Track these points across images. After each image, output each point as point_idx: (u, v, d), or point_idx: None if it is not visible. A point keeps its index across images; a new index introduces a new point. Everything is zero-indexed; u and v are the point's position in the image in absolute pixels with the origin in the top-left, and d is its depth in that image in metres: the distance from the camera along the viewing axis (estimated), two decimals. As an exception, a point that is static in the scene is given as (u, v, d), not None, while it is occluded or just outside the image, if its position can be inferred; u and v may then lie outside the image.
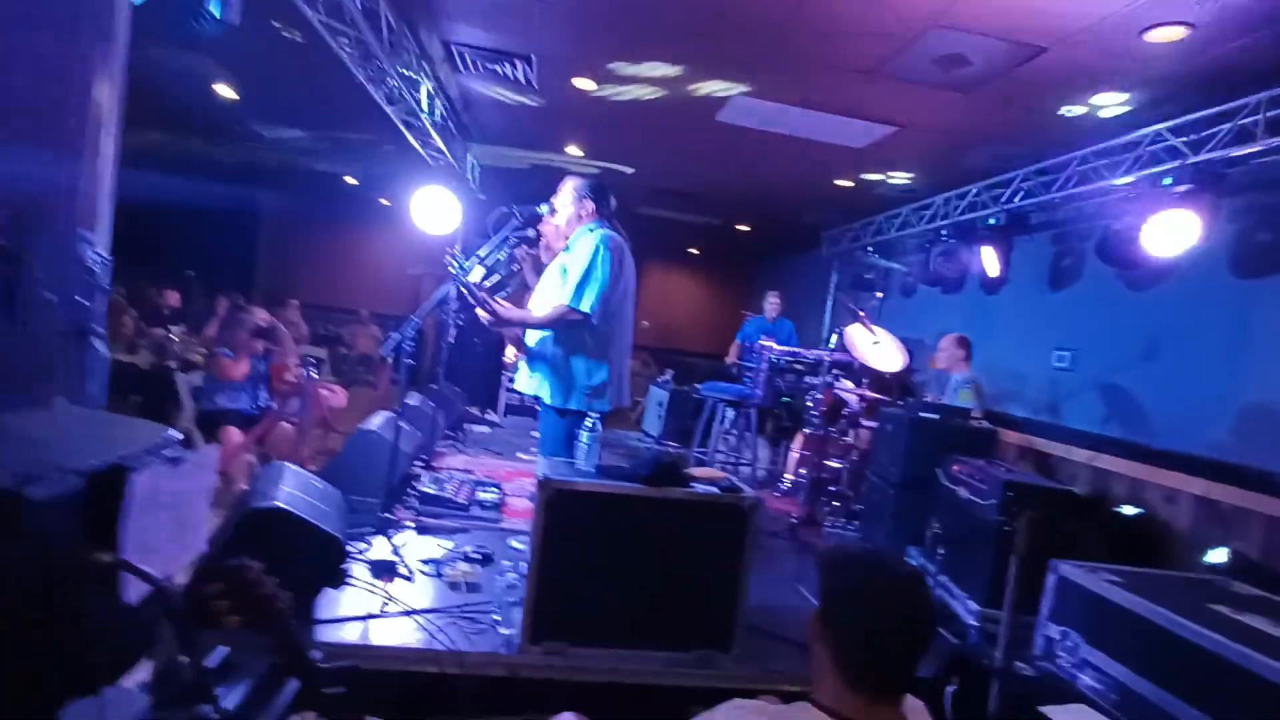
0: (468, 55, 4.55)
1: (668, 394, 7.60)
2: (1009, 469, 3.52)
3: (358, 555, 2.95)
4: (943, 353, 5.10)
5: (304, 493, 2.52)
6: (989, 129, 4.60)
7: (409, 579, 2.88)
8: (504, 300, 3.20)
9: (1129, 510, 4.19)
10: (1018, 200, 5.15)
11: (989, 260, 5.65)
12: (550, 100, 5.17)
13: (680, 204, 8.48)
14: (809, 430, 5.27)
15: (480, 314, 3.11)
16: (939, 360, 5.16)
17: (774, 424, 6.24)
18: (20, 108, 1.19)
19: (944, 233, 5.90)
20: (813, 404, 5.16)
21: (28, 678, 1.01)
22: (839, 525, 4.68)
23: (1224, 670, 1.89)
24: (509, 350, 7.46)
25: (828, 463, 5.09)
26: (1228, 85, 3.45)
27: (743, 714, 1.18)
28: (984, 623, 2.92)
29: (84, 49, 1.41)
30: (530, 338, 3.21)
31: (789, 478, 5.58)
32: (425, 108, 5.02)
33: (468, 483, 4.17)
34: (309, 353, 7.11)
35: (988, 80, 3.86)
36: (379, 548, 3.09)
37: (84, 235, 1.57)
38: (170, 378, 5.28)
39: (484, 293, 3.10)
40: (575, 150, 6.57)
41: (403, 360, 3.32)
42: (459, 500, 3.86)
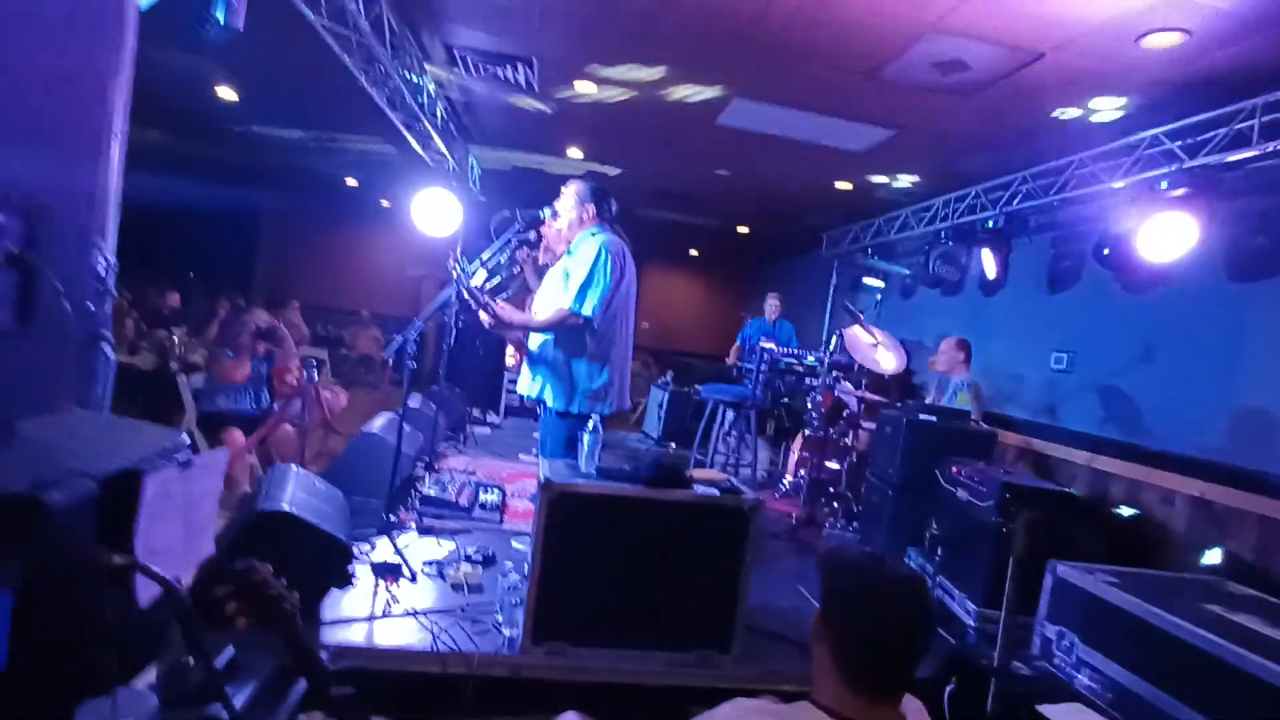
0: (469, 58, 4.58)
1: (667, 395, 7.60)
2: (1007, 470, 3.54)
3: (361, 557, 2.97)
4: (942, 355, 5.12)
5: (308, 495, 2.54)
6: (987, 132, 4.63)
7: (412, 580, 2.90)
8: (505, 302, 3.22)
9: (1126, 511, 4.21)
10: (1016, 203, 5.17)
11: (988, 262, 5.68)
12: (551, 103, 5.19)
13: (681, 206, 8.51)
14: (809, 432, 5.29)
15: (482, 317, 3.14)
16: (938, 363, 5.18)
17: (774, 425, 6.26)
18: (35, 116, 1.21)
19: (943, 235, 5.92)
20: (812, 405, 5.18)
21: (46, 678, 1.03)
22: (839, 526, 4.70)
23: (1218, 670, 1.91)
24: (510, 352, 7.48)
25: (827, 464, 5.12)
26: (1223, 90, 3.48)
27: (744, 713, 1.20)
28: (982, 623, 2.94)
29: (97, 58, 1.43)
30: (532, 341, 3.23)
31: (789, 479, 5.60)
32: (426, 110, 5.04)
33: (469, 484, 4.19)
34: (309, 354, 7.12)
35: (986, 85, 3.89)
36: (382, 549, 3.11)
37: (95, 241, 1.59)
38: (172, 379, 5.29)
39: (486, 296, 3.13)
40: (576, 152, 6.59)
41: (405, 362, 3.34)
42: (461, 502, 3.88)
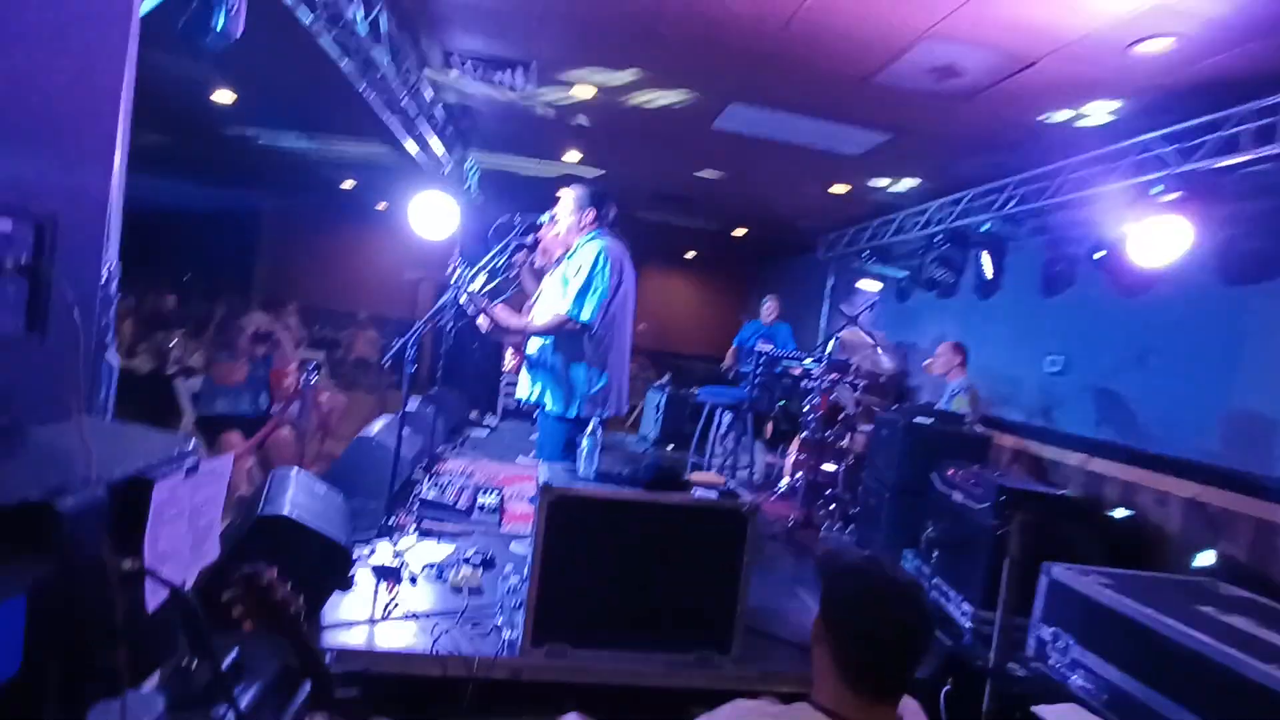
0: (467, 62, 4.59)
1: (664, 397, 7.62)
2: (1002, 473, 3.56)
3: (361, 560, 2.98)
4: (939, 359, 5.15)
5: (309, 499, 2.55)
6: (982, 137, 4.66)
7: (412, 583, 2.91)
8: (502, 306, 3.24)
9: (1120, 513, 4.24)
10: (1011, 207, 5.21)
11: (983, 266, 5.72)
12: (549, 106, 5.21)
13: (677, 208, 8.54)
14: (806, 434, 5.32)
15: (481, 322, 3.16)
16: (935, 366, 5.21)
17: (771, 428, 6.29)
18: (47, 125, 1.23)
19: (938, 238, 5.96)
20: (809, 408, 5.21)
21: (58, 680, 1.05)
22: (835, 528, 4.72)
23: (1211, 671, 1.94)
24: (508, 357, 7.49)
25: (824, 466, 5.14)
26: (1215, 96, 3.51)
27: (744, 715, 1.22)
28: (978, 624, 2.96)
29: (105, 65, 1.45)
30: (531, 345, 3.25)
31: (786, 481, 5.63)
32: (424, 114, 5.05)
33: (468, 487, 4.20)
34: (307, 356, 7.12)
35: (980, 90, 3.92)
36: (382, 552, 3.12)
37: (102, 249, 1.60)
38: (170, 383, 5.30)
39: (485, 300, 3.15)
40: (573, 155, 6.61)
41: (405, 366, 3.35)
42: (459, 505, 3.90)
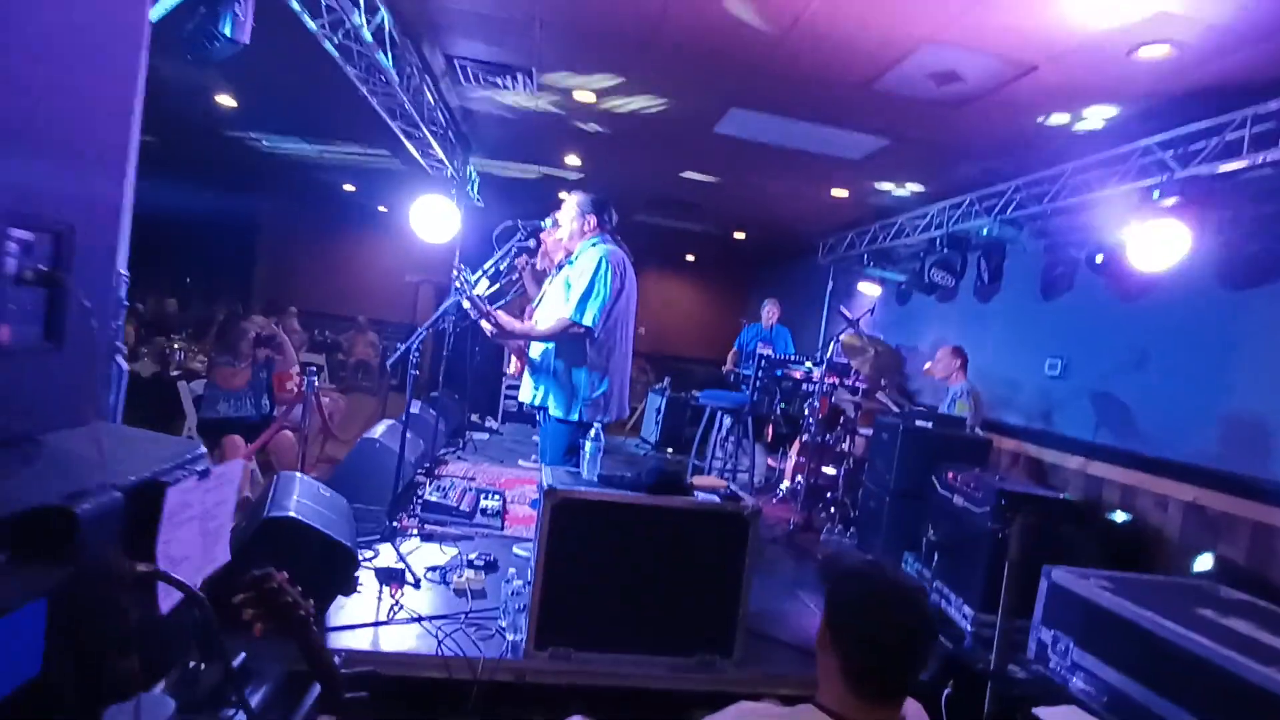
0: (470, 68, 4.62)
1: (664, 401, 7.64)
2: (1002, 476, 3.58)
3: (365, 563, 2.99)
4: (939, 363, 5.17)
5: (315, 502, 2.57)
6: (982, 142, 4.68)
7: (415, 586, 2.93)
8: (503, 310, 3.27)
9: (1120, 516, 4.26)
10: (1011, 211, 5.23)
11: (981, 270, 5.75)
12: (550, 112, 5.23)
13: (677, 212, 8.56)
14: (806, 437, 5.34)
15: (485, 326, 3.18)
16: (935, 370, 5.22)
17: (771, 431, 6.30)
18: (61, 134, 1.25)
19: (939, 242, 5.98)
20: (809, 411, 5.22)
21: (74, 683, 1.06)
22: (836, 531, 4.74)
23: (1210, 673, 1.95)
24: (511, 361, 7.52)
25: (824, 469, 5.16)
26: (1215, 102, 3.54)
27: (750, 716, 1.24)
28: (979, 627, 2.98)
29: (119, 74, 1.47)
30: (534, 350, 3.28)
31: (786, 484, 5.64)
32: (426, 119, 5.07)
33: (470, 490, 4.22)
34: (308, 360, 7.14)
35: (980, 96, 3.95)
36: (385, 555, 3.14)
37: (116, 256, 1.62)
38: (172, 385, 5.31)
39: (487, 305, 3.17)
40: (574, 160, 6.63)
41: (409, 370, 3.37)
42: (462, 508, 3.91)
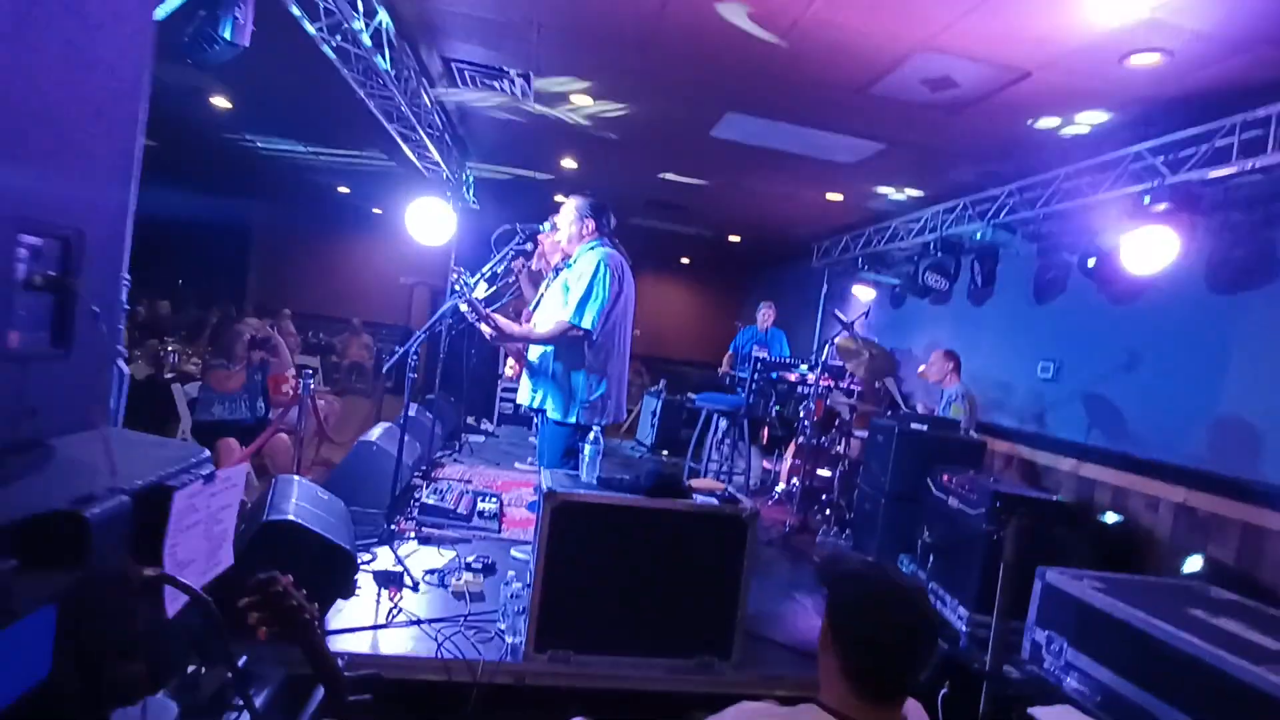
0: (467, 72, 4.63)
1: (660, 403, 7.65)
2: (996, 478, 3.61)
3: (364, 566, 3.00)
4: (932, 366, 5.20)
5: (313, 505, 2.58)
6: (975, 147, 4.72)
7: (414, 589, 2.93)
8: (499, 313, 3.28)
9: (1112, 518, 4.30)
10: (1004, 215, 5.28)
11: (974, 273, 5.79)
12: (547, 115, 5.25)
13: (673, 215, 8.59)
14: (801, 440, 5.36)
15: (484, 329, 3.19)
16: (929, 373, 5.26)
17: (767, 433, 6.33)
18: (70, 142, 1.26)
19: (932, 245, 6.03)
20: (805, 414, 5.25)
21: (82, 687, 1.07)
22: (831, 533, 4.76)
23: (1200, 672, 1.98)
24: (509, 364, 7.53)
25: (820, 472, 5.19)
26: (1204, 108, 3.59)
27: (751, 716, 1.25)
28: (974, 628, 3.01)
29: (127, 81, 1.48)
30: (532, 353, 3.30)
31: (782, 486, 5.67)
32: (423, 122, 5.08)
33: (467, 493, 4.22)
34: (303, 363, 7.13)
35: (974, 101, 3.98)
36: (383, 558, 3.14)
37: (121, 261, 1.63)
38: (166, 388, 5.30)
39: (485, 309, 3.19)
40: (570, 163, 6.65)
41: (406, 373, 3.38)
42: (459, 511, 3.92)
